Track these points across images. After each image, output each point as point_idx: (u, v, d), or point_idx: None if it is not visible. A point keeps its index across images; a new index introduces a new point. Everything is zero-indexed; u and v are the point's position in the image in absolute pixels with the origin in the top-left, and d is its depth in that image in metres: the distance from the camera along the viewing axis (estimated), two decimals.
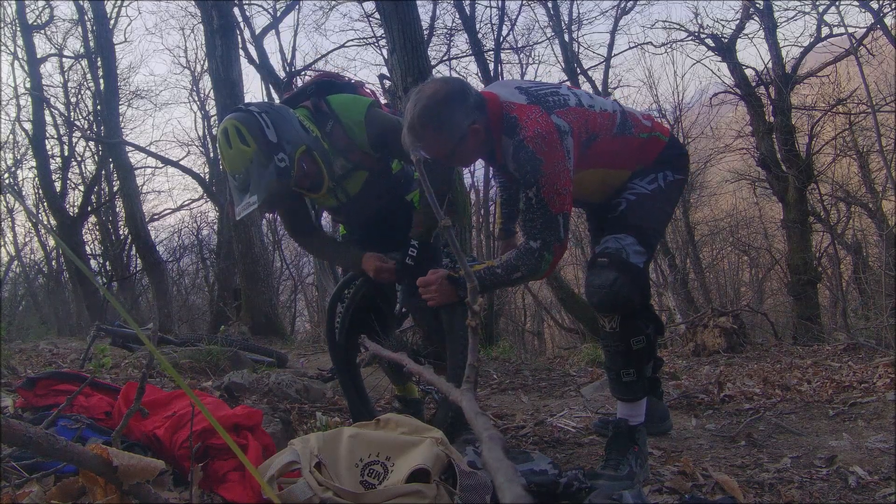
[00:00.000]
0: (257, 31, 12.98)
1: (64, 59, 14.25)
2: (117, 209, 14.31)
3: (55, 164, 13.27)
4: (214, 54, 8.37)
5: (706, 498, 1.68)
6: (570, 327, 12.00)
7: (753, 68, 10.39)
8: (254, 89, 45.54)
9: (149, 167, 16.09)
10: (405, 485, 1.22)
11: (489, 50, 11.59)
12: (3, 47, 13.08)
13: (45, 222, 12.80)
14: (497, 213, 2.71)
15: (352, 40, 21.37)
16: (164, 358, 0.71)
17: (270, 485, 1.22)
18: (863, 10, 8.92)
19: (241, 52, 10.32)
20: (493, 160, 1.98)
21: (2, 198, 13.85)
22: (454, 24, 12.40)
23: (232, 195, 2.05)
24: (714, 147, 13.66)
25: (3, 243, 15.82)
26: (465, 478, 1.26)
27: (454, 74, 13.81)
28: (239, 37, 10.08)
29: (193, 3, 12.38)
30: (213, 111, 14.15)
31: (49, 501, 1.16)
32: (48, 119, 12.96)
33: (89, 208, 13.32)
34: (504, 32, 11.73)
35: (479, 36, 11.78)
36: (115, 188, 13.54)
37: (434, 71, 9.90)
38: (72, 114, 14.31)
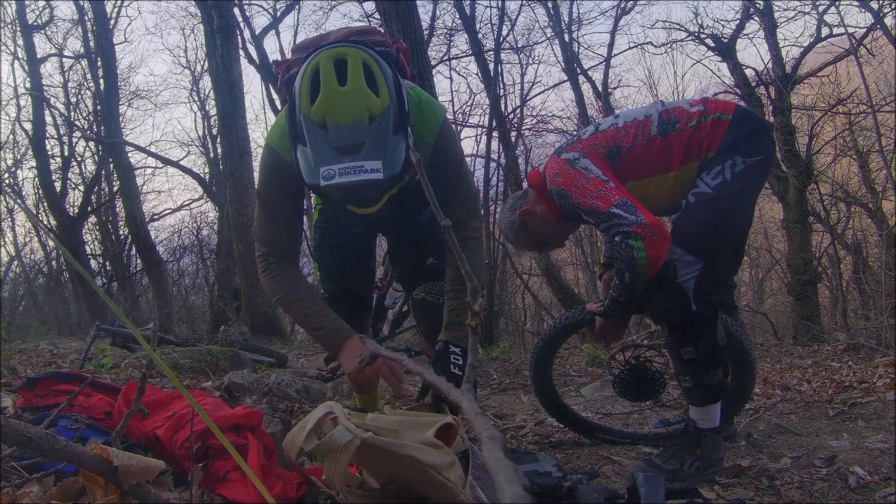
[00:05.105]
0: (257, 31, 13.01)
1: (64, 59, 14.27)
2: (117, 209, 14.31)
3: (55, 164, 13.29)
4: (214, 54, 8.36)
5: (712, 499, 1.67)
6: None
7: (753, 68, 10.40)
8: (254, 89, 45.58)
9: (149, 167, 16.13)
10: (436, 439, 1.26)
11: (489, 50, 11.56)
12: (3, 47, 13.09)
13: (45, 222, 12.80)
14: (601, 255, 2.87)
15: None
16: (161, 360, 0.71)
17: (309, 437, 1.23)
18: (863, 10, 8.92)
19: (241, 52, 10.33)
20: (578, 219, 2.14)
21: (2, 198, 13.85)
22: (454, 24, 12.36)
23: (300, 153, 1.44)
24: None
25: (3, 243, 15.83)
26: (478, 457, 1.28)
27: (454, 74, 13.83)
28: (239, 37, 10.09)
29: (193, 3, 12.40)
30: (213, 111, 14.14)
31: (49, 501, 1.16)
32: (48, 119, 12.97)
33: (89, 208, 13.32)
34: (504, 32, 11.66)
35: (479, 36, 11.77)
36: (115, 188, 13.55)
37: (434, 71, 9.89)
38: (72, 114, 14.32)
